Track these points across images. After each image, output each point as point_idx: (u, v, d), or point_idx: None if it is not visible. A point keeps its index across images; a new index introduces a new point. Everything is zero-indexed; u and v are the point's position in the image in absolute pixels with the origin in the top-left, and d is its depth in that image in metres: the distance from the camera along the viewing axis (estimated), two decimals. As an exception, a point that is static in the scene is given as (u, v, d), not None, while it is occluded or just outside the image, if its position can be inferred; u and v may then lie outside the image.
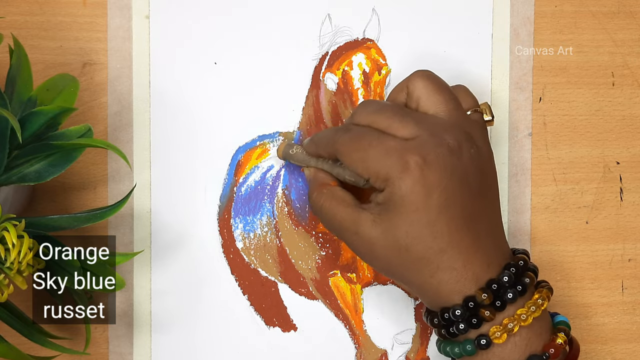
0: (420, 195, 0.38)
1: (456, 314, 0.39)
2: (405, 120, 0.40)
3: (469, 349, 0.39)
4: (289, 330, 0.48)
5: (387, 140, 0.39)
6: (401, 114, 0.40)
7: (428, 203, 0.38)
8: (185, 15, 0.47)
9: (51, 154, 0.40)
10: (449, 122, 0.40)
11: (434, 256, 0.39)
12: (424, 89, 0.42)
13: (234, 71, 0.48)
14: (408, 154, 0.39)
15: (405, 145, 0.39)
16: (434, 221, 0.39)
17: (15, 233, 0.37)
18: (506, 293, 0.39)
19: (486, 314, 0.39)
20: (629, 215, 0.49)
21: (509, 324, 0.39)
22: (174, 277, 0.47)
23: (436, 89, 0.42)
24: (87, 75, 0.47)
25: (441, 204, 0.39)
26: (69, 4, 0.47)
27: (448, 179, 0.39)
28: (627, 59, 0.49)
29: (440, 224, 0.39)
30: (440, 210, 0.39)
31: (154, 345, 0.47)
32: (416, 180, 0.38)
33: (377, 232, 0.40)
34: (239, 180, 0.48)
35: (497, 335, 0.39)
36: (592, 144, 0.49)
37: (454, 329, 0.40)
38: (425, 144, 0.39)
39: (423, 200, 0.38)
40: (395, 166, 0.39)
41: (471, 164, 0.40)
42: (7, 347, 0.39)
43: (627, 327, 0.50)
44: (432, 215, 0.39)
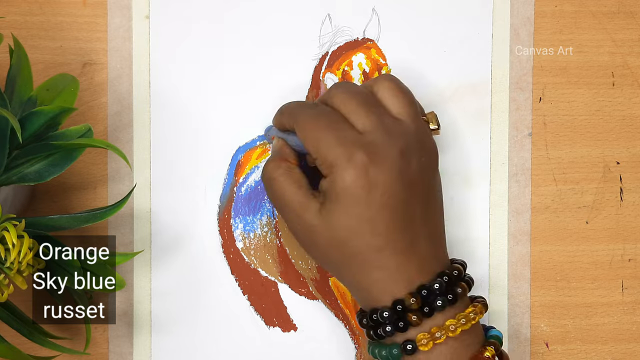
0: (362, 190, 0.39)
1: (384, 316, 0.39)
2: (370, 112, 0.40)
3: (395, 352, 0.40)
4: (289, 330, 0.48)
5: (344, 130, 0.40)
6: (368, 105, 0.41)
7: (369, 199, 0.39)
8: (185, 16, 0.47)
9: (51, 154, 0.40)
10: (407, 126, 0.41)
11: (370, 254, 0.39)
12: (389, 90, 0.42)
13: (234, 71, 0.48)
14: (358, 148, 0.39)
15: (359, 138, 0.39)
16: (373, 218, 0.39)
17: (15, 233, 0.37)
18: (435, 300, 0.39)
19: (413, 319, 0.39)
20: (629, 215, 0.49)
21: (437, 332, 0.39)
22: (174, 277, 0.47)
23: (400, 92, 0.42)
24: (87, 75, 0.47)
25: (383, 202, 0.39)
26: (69, 4, 0.47)
27: (393, 180, 0.39)
28: (627, 59, 0.49)
29: (379, 222, 0.39)
30: (381, 208, 0.39)
31: (154, 345, 0.47)
32: (359, 175, 0.39)
33: (319, 221, 0.40)
34: (239, 180, 0.48)
35: (423, 342, 0.39)
36: (592, 144, 0.49)
37: (382, 330, 0.40)
38: (378, 142, 0.39)
39: (364, 195, 0.39)
40: (342, 156, 0.39)
41: (419, 171, 0.40)
42: (7, 347, 0.39)
43: (627, 327, 0.50)
44: (373, 212, 0.39)
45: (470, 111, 0.48)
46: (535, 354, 0.49)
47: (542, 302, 0.49)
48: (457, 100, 0.48)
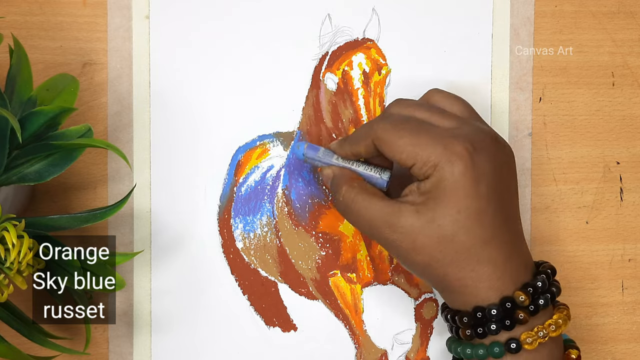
0: (472, 182, 0.38)
1: (491, 313, 0.39)
2: (446, 113, 0.40)
3: (497, 351, 0.39)
4: (289, 330, 0.48)
5: (434, 128, 0.39)
6: (440, 108, 0.41)
7: (478, 190, 0.38)
8: (185, 15, 0.47)
9: (51, 154, 0.40)
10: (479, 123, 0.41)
11: (479, 247, 0.38)
12: (445, 98, 0.42)
13: (234, 71, 0.48)
14: (458, 140, 0.38)
15: (453, 132, 0.39)
16: (483, 210, 0.38)
17: (15, 233, 0.37)
18: (539, 298, 0.39)
19: (521, 316, 0.38)
20: (629, 215, 0.49)
21: (540, 332, 0.39)
22: (174, 277, 0.47)
23: (455, 98, 0.43)
24: (87, 75, 0.47)
25: (489, 193, 0.38)
26: (69, 4, 0.47)
27: (495, 169, 0.39)
28: (627, 59, 0.49)
29: (487, 214, 0.38)
30: (488, 199, 0.38)
31: (154, 345, 0.47)
32: (467, 166, 0.38)
33: (421, 222, 0.38)
34: (239, 180, 0.48)
35: (528, 341, 0.38)
36: (592, 144, 0.49)
37: (485, 328, 0.39)
38: (472, 133, 0.39)
39: (474, 187, 0.38)
40: (445, 152, 0.38)
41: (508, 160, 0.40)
42: (7, 347, 0.39)
43: (627, 327, 0.50)
44: (482, 204, 0.38)
45: (470, 111, 0.48)
46: (535, 354, 0.49)
47: (542, 302, 0.49)
48: (457, 100, 0.48)
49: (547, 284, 0.39)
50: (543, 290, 0.39)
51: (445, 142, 0.38)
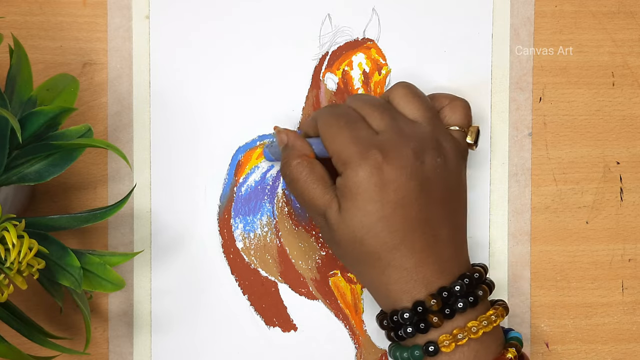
0: (375, 187, 0.39)
1: (404, 317, 0.40)
2: (385, 112, 0.41)
3: (417, 354, 0.40)
4: (289, 330, 0.48)
5: (359, 129, 0.41)
6: (383, 108, 0.42)
7: (383, 197, 0.39)
8: (185, 15, 0.47)
9: (51, 154, 0.40)
10: (423, 127, 0.42)
11: (387, 252, 0.40)
12: (404, 96, 0.43)
13: (234, 71, 0.48)
14: (372, 146, 0.40)
15: (373, 138, 0.40)
16: (388, 216, 0.39)
17: (15, 233, 0.36)
18: (457, 302, 0.40)
19: (434, 320, 0.39)
20: (629, 215, 0.49)
21: (459, 334, 0.39)
22: (174, 277, 0.47)
23: (414, 97, 0.43)
24: (87, 75, 0.47)
25: (397, 201, 0.39)
26: (69, 4, 0.47)
27: (406, 179, 0.39)
28: (627, 59, 0.49)
29: (394, 221, 0.39)
30: (395, 206, 0.39)
31: (154, 345, 0.47)
32: (372, 172, 0.39)
33: (338, 219, 0.40)
34: (239, 180, 0.48)
35: (445, 344, 0.39)
36: (592, 144, 0.49)
37: (402, 332, 0.40)
38: (392, 142, 0.40)
39: (378, 192, 0.39)
40: (356, 153, 0.40)
41: (434, 172, 0.41)
42: (7, 347, 0.39)
43: (627, 327, 0.50)
44: (387, 210, 0.39)
45: (470, 111, 0.48)
46: (535, 354, 0.49)
47: (542, 302, 0.49)
48: (457, 100, 0.48)
49: (464, 288, 0.40)
50: (462, 293, 0.40)
51: (361, 145, 0.40)
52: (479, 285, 0.41)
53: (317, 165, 0.42)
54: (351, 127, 0.41)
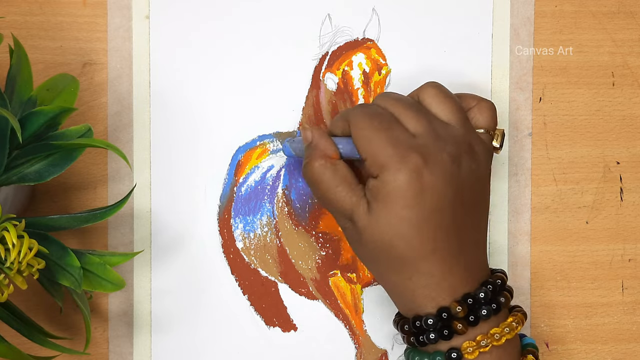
0: (413, 192, 0.38)
1: (428, 323, 0.39)
2: (420, 114, 0.40)
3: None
4: (289, 330, 0.48)
5: (397, 130, 0.39)
6: (417, 108, 0.41)
7: (419, 202, 0.38)
8: (186, 15, 0.47)
9: (51, 154, 0.40)
10: (456, 131, 0.40)
11: (417, 259, 0.39)
12: (435, 96, 0.41)
13: (234, 71, 0.48)
14: (412, 150, 0.38)
15: (412, 141, 0.39)
16: (422, 223, 0.38)
17: (15, 233, 0.36)
18: (481, 309, 0.39)
19: (458, 327, 0.39)
20: (629, 215, 0.49)
21: (482, 341, 0.39)
22: (174, 277, 0.47)
23: (446, 97, 0.42)
24: (87, 75, 0.47)
25: (433, 207, 0.38)
26: (69, 4, 0.47)
27: (443, 184, 0.39)
28: (627, 59, 0.49)
29: (428, 228, 0.39)
30: (430, 213, 0.38)
31: (154, 345, 0.47)
32: (412, 177, 0.38)
33: (367, 222, 0.39)
34: (239, 180, 0.48)
35: (469, 350, 0.39)
36: (592, 144, 0.49)
37: (425, 337, 0.40)
38: (430, 146, 0.39)
39: (415, 198, 0.38)
40: (395, 157, 0.38)
41: (468, 177, 0.40)
42: (7, 347, 0.39)
43: (627, 327, 0.50)
44: (422, 217, 0.38)
45: (470, 111, 0.48)
46: (535, 354, 0.49)
47: (542, 302, 0.49)
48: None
49: (489, 294, 0.40)
50: (486, 300, 0.39)
51: (400, 148, 0.38)
52: (502, 292, 0.41)
53: (341, 166, 0.41)
54: (388, 129, 0.39)
